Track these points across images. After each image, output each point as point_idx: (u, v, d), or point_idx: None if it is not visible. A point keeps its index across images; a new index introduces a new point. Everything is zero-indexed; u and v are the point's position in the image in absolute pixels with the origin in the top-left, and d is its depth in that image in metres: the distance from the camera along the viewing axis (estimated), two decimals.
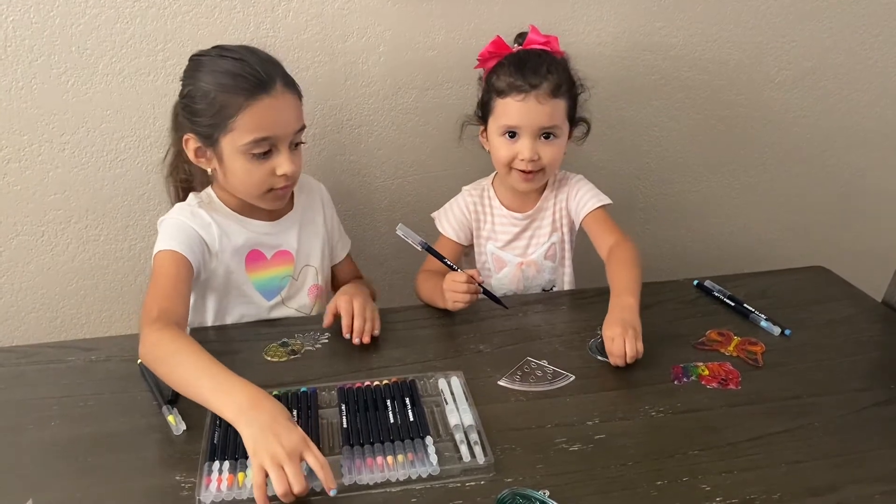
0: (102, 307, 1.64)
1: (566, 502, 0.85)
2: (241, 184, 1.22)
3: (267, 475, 0.84)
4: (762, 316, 1.24)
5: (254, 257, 1.29)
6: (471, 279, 1.24)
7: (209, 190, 1.29)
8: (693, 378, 1.09)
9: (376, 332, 1.19)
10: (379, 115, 1.59)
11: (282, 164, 1.18)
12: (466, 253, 1.48)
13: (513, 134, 1.31)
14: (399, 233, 1.26)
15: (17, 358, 1.17)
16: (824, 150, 1.85)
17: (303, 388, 1.05)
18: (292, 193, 1.32)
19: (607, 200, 1.39)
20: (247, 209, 1.28)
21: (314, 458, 0.86)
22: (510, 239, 1.43)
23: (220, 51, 1.19)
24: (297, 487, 0.84)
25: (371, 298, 1.29)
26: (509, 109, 1.29)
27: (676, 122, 1.75)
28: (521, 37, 1.36)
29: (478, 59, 1.37)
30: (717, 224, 1.90)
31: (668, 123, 1.74)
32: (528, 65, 1.29)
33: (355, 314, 1.18)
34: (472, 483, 0.89)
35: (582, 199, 1.39)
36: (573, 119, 1.36)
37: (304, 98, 1.24)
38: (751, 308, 1.27)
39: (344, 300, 1.21)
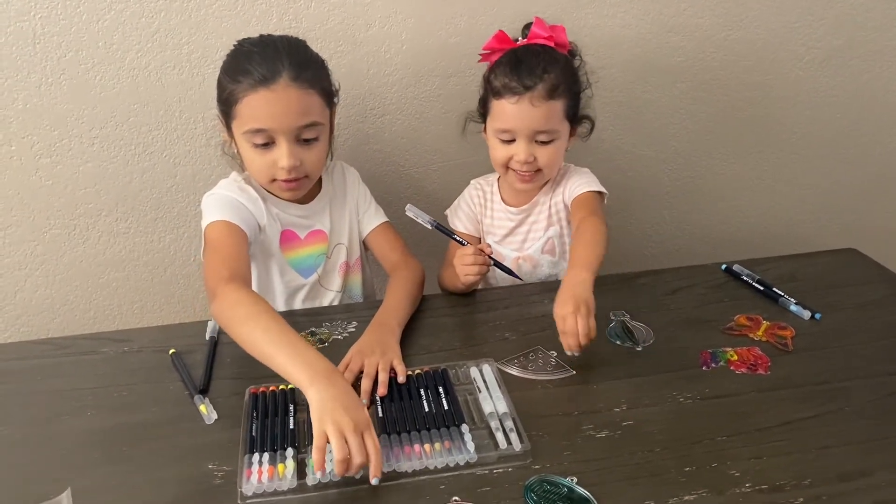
0: (134, 299, 1.67)
1: (594, 489, 0.85)
2: (250, 169, 1.26)
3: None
4: (791, 300, 1.23)
5: (287, 237, 1.32)
6: (479, 251, 1.26)
7: None
8: (721, 363, 1.09)
9: (401, 379, 1.05)
10: (403, 104, 1.59)
11: (280, 157, 1.20)
12: None
13: (508, 136, 1.29)
14: (409, 213, 1.28)
15: (53, 350, 1.20)
16: (855, 130, 1.82)
17: None
18: (320, 179, 1.35)
19: (599, 188, 1.34)
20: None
21: (371, 441, 0.87)
22: (506, 234, 1.42)
23: (241, 42, 1.23)
24: (359, 458, 0.85)
25: (395, 337, 1.15)
26: (503, 111, 1.27)
27: (702, 103, 1.72)
28: (527, 28, 1.32)
29: (480, 55, 1.35)
30: (746, 207, 1.88)
31: (694, 106, 1.72)
32: (523, 64, 1.25)
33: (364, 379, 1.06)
34: (500, 470, 0.89)
35: (574, 185, 1.35)
36: (575, 118, 1.32)
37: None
38: (780, 292, 1.25)
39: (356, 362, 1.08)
